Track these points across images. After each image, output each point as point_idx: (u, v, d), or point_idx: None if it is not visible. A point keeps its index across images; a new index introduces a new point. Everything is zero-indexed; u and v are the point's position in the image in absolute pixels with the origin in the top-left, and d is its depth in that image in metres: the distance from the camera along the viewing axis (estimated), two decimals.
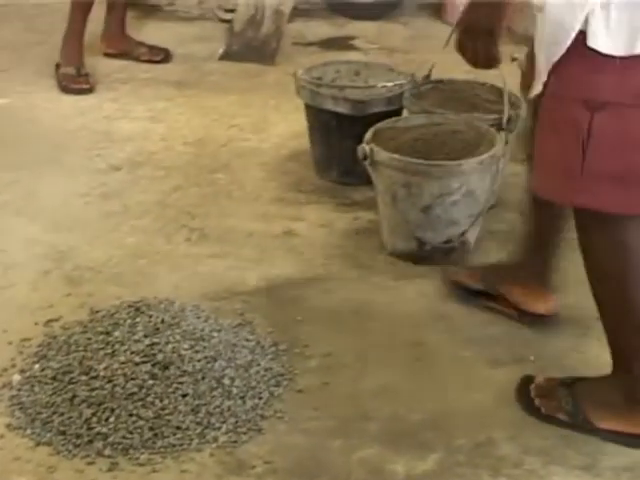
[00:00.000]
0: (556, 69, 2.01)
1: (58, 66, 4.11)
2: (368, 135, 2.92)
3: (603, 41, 1.94)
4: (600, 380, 2.27)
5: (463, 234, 2.86)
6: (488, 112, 3.11)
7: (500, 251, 2.95)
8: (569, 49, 1.97)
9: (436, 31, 4.79)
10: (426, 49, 3.69)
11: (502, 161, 2.88)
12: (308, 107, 3.36)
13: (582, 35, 1.94)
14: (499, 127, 2.96)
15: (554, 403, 2.27)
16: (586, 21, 1.92)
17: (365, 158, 2.84)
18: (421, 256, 2.86)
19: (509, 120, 2.99)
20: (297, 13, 4.84)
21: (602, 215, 2.04)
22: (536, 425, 2.24)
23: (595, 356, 2.46)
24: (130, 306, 2.49)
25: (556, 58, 1.98)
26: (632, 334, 2.15)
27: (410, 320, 2.61)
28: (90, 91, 4.05)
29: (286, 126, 3.78)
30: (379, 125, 3.00)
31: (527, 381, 2.35)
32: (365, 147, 2.84)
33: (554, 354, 2.49)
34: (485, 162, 2.80)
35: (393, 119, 3.08)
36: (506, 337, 2.55)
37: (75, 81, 4.06)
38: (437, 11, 5.20)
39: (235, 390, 2.26)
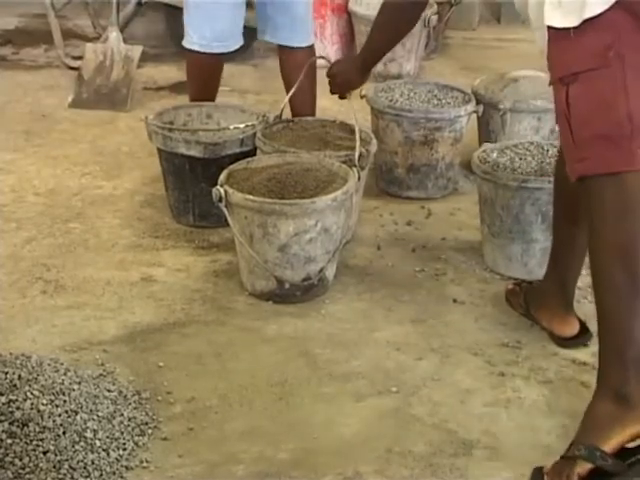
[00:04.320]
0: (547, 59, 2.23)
1: None
2: (222, 177, 2.93)
3: (556, 17, 2.12)
4: (591, 405, 2.20)
5: (321, 271, 2.89)
6: (339, 149, 3.17)
7: (358, 286, 2.99)
8: (548, 37, 2.18)
9: None
10: (277, 89, 3.73)
11: (355, 197, 2.93)
12: (161, 152, 3.34)
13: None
14: (351, 164, 3.01)
15: (570, 466, 2.11)
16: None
17: (220, 200, 2.85)
18: (280, 295, 2.87)
19: (360, 156, 3.04)
20: (147, 58, 4.83)
21: (604, 177, 2.12)
22: (401, 456, 2.26)
23: (455, 381, 2.53)
24: None
25: (542, 42, 2.21)
26: (630, 319, 2.13)
27: (272, 359, 2.62)
28: None
29: (140, 172, 3.76)
30: (233, 166, 3.01)
31: (538, 474, 2.18)
32: (220, 189, 2.85)
33: (415, 384, 2.53)
34: (339, 199, 2.83)
35: (246, 160, 3.09)
36: (368, 370, 2.58)
37: None
38: None
39: (98, 443, 2.21)
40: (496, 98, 3.64)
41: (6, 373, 2.32)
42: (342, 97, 3.17)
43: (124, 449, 2.23)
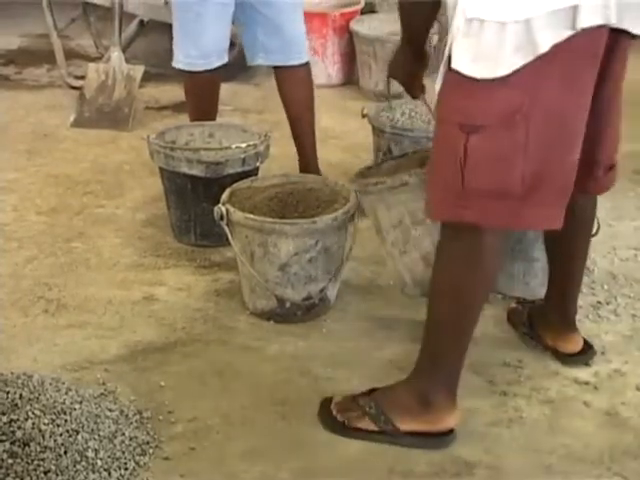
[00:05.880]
0: (439, 93, 2.16)
1: None
2: (225, 196, 2.94)
3: (466, 64, 2.06)
4: (396, 386, 2.39)
5: (322, 290, 2.88)
6: None
7: (359, 305, 2.99)
8: (446, 74, 2.12)
9: None
10: (278, 108, 3.73)
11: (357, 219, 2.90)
12: (163, 171, 3.35)
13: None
14: None
15: (356, 413, 2.37)
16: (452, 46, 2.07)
17: (222, 218, 2.85)
18: (281, 314, 2.87)
19: None
20: (149, 77, 4.84)
21: (465, 227, 2.15)
22: (403, 476, 2.26)
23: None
24: None
25: (440, 82, 2.15)
26: (449, 345, 2.31)
27: (274, 379, 2.61)
28: None
29: (142, 191, 3.76)
30: (236, 185, 3.02)
31: (327, 403, 2.44)
32: (221, 208, 2.85)
33: None
34: (339, 218, 2.83)
35: (250, 179, 3.10)
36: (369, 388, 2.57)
37: None
38: None
39: (100, 462, 2.21)
40: None
41: (7, 392, 2.32)
42: (414, 97, 2.73)
43: (125, 469, 2.23)
